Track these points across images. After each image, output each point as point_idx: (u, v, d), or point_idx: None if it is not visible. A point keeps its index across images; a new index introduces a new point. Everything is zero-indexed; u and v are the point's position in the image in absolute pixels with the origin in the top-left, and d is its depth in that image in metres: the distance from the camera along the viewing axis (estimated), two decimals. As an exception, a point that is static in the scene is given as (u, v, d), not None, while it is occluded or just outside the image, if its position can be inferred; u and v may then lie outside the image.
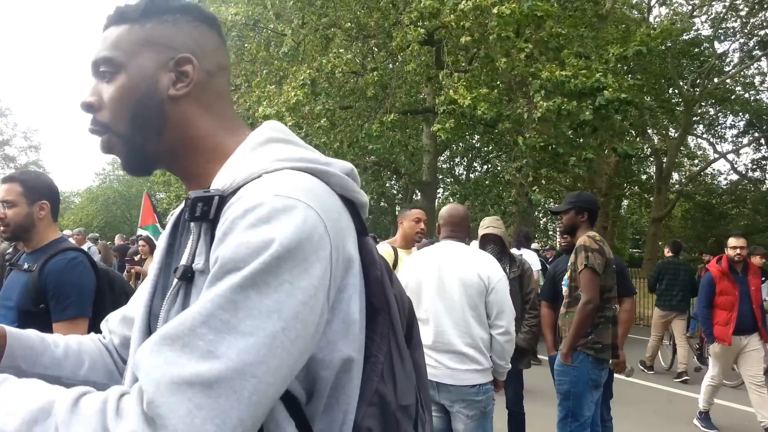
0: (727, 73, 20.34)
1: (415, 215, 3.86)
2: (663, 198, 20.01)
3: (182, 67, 0.85)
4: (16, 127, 36.79)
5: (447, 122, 9.84)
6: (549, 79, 9.22)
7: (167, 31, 0.86)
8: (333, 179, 0.81)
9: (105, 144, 0.87)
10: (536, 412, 4.79)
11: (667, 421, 5.75)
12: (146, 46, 0.85)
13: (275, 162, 0.78)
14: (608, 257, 3.43)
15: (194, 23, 0.88)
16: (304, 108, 10.60)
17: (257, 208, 0.69)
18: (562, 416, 3.48)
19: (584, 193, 3.90)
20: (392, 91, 12.61)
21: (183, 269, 0.77)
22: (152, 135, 0.85)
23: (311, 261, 0.69)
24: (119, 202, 37.56)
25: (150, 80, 0.84)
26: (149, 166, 0.90)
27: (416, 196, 19.55)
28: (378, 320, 0.82)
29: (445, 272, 2.88)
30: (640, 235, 29.03)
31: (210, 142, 0.87)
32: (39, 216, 2.17)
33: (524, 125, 10.20)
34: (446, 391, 2.82)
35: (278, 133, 0.87)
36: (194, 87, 0.86)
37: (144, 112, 0.84)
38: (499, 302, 2.86)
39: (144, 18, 0.86)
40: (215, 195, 0.76)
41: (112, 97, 0.85)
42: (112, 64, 0.85)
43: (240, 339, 0.62)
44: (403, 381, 0.84)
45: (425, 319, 2.85)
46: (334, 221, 0.74)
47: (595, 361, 3.40)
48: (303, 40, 11.77)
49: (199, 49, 0.87)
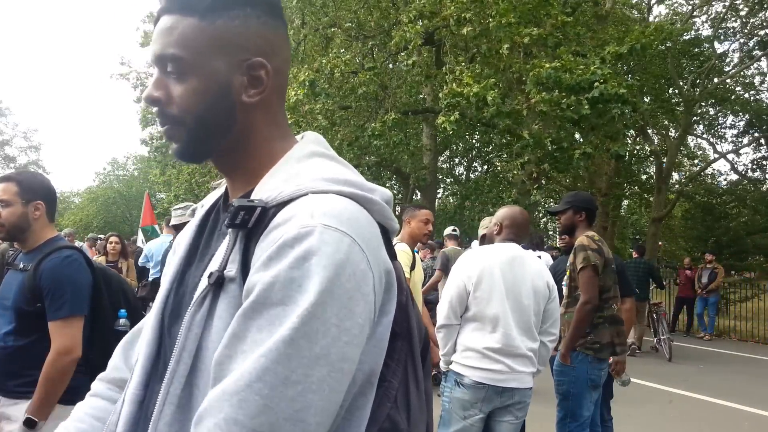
0: (727, 73, 20.32)
1: (424, 216, 3.85)
2: (663, 198, 19.98)
3: (255, 72, 0.84)
4: (16, 127, 36.85)
5: (452, 115, 9.80)
6: (542, 73, 9.22)
7: (239, 30, 0.83)
8: (375, 207, 0.81)
9: (169, 133, 0.87)
10: (536, 412, 4.78)
11: (667, 421, 5.75)
12: (218, 47, 0.82)
13: (322, 181, 0.78)
14: (607, 257, 3.43)
15: (263, 18, 0.85)
16: (304, 107, 10.60)
17: (306, 238, 0.70)
18: (561, 416, 3.48)
19: (582, 192, 3.91)
20: (392, 91, 12.61)
21: (217, 275, 0.77)
22: (218, 135, 0.86)
23: (356, 299, 0.70)
24: (119, 202, 37.56)
25: (222, 84, 0.83)
26: (202, 158, 0.90)
27: (416, 196, 19.55)
28: (396, 345, 0.82)
29: (519, 277, 2.90)
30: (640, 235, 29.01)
31: (266, 147, 0.88)
32: (34, 216, 2.17)
33: (522, 122, 10.19)
34: (509, 396, 2.85)
35: (321, 147, 0.88)
36: (267, 92, 0.85)
37: (214, 115, 0.84)
38: (555, 310, 3.01)
39: (212, 12, 0.82)
40: (259, 206, 0.76)
41: (182, 96, 0.83)
42: (183, 63, 0.82)
43: (290, 388, 0.66)
44: (417, 410, 0.83)
45: (492, 318, 2.84)
46: (376, 251, 0.76)
47: (594, 361, 3.40)
48: (303, 39, 11.77)
49: (270, 48, 0.85)
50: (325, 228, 0.70)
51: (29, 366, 2.09)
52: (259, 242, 0.74)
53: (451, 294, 2.91)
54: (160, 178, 19.25)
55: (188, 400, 0.76)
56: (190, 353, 0.77)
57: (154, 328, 0.87)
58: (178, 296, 0.87)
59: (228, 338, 0.70)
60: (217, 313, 0.76)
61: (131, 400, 0.84)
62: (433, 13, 10.38)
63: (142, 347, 0.88)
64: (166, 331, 0.86)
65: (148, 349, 0.87)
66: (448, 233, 7.21)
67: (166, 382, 0.78)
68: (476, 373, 2.83)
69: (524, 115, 9.72)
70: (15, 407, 2.09)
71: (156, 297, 0.92)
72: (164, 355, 0.84)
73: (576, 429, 3.41)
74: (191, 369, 0.76)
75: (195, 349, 0.77)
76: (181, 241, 0.95)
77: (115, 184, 40.05)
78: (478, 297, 2.87)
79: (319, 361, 0.67)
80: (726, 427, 5.57)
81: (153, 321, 0.88)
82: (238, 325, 0.70)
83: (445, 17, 10.12)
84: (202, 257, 0.88)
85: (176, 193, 17.09)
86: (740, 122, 22.15)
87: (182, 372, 0.76)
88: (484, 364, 2.83)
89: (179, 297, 0.86)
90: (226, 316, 0.74)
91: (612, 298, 3.48)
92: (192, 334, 0.77)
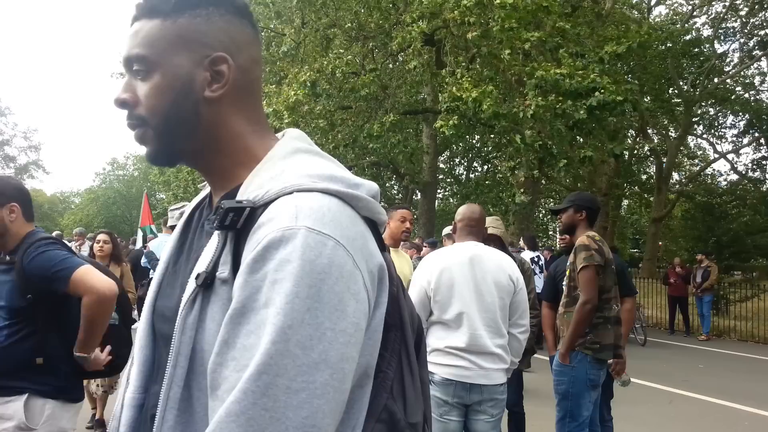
0: (727, 73, 20.34)
1: (399, 215, 3.89)
2: (663, 198, 20.01)
3: (217, 67, 0.85)
4: (16, 127, 36.90)
5: (450, 119, 9.81)
6: (544, 78, 9.23)
7: (201, 27, 0.85)
8: (361, 203, 0.81)
9: (139, 136, 0.87)
10: (536, 412, 4.78)
11: (667, 421, 5.75)
12: (179, 43, 0.84)
13: (307, 179, 0.78)
14: (607, 257, 3.42)
15: (227, 16, 0.86)
16: (303, 107, 10.61)
17: (290, 241, 0.69)
18: (560, 416, 3.48)
19: (584, 192, 3.91)
20: (392, 92, 12.61)
21: (204, 276, 0.76)
22: (185, 133, 0.86)
23: (346, 300, 0.71)
24: (119, 202, 37.61)
25: (185, 80, 0.84)
26: (174, 160, 0.91)
27: (416, 197, 19.54)
28: (389, 336, 0.82)
29: (479, 274, 2.88)
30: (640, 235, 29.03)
31: (239, 144, 0.87)
32: (10, 219, 2.19)
33: (520, 124, 10.20)
34: (478, 392, 2.84)
35: (304, 143, 0.88)
36: (229, 87, 0.85)
37: (179, 112, 0.84)
38: (522, 302, 2.96)
39: (176, 12, 0.84)
40: (247, 207, 0.76)
41: (148, 95, 0.84)
42: (146, 62, 0.84)
43: (294, 396, 0.66)
44: (413, 399, 0.84)
45: (456, 319, 2.84)
46: (361, 249, 0.76)
47: (593, 361, 3.39)
48: (303, 40, 11.77)
49: (234, 45, 0.86)
50: (308, 231, 0.70)
51: (21, 363, 2.09)
52: (246, 241, 0.74)
53: (414, 299, 2.89)
54: (160, 178, 19.27)
55: (189, 403, 0.76)
56: (186, 356, 0.76)
57: (146, 332, 0.87)
58: (167, 298, 0.86)
59: (218, 345, 0.70)
60: (210, 315, 0.75)
61: (130, 404, 0.84)
62: (434, 14, 10.39)
63: (136, 351, 0.88)
64: (158, 333, 0.86)
65: (142, 353, 0.87)
66: (447, 233, 7.21)
67: (165, 387, 0.77)
68: (444, 370, 2.83)
69: (522, 117, 9.72)
70: (6, 405, 2.09)
71: (146, 300, 0.92)
72: (158, 358, 0.85)
73: (575, 429, 3.40)
74: (189, 372, 0.76)
75: (190, 352, 0.76)
76: (168, 243, 0.95)
77: (115, 184, 40.09)
78: (439, 301, 2.86)
79: (319, 366, 0.67)
80: (726, 427, 5.56)
81: (144, 324, 0.88)
82: (226, 331, 0.70)
83: (447, 20, 10.13)
84: (188, 257, 0.87)
85: (175, 193, 17.11)
86: (740, 122, 22.18)
87: (180, 375, 0.76)
88: (450, 361, 2.82)
89: (169, 299, 0.85)
90: (220, 318, 0.73)
91: (612, 298, 3.47)
92: (186, 337, 0.76)
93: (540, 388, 6.30)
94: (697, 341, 11.30)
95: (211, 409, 0.70)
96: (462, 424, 2.90)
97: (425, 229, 14.97)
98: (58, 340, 2.15)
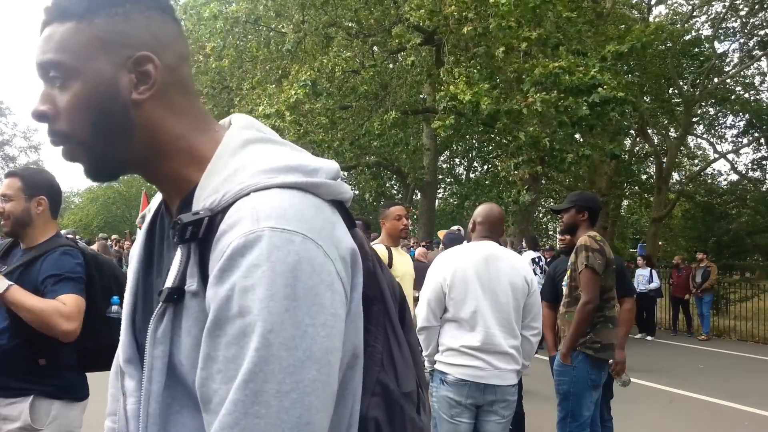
0: (727, 73, 20.32)
1: (395, 213, 3.90)
2: (663, 198, 19.99)
3: (142, 67, 0.79)
4: (16, 127, 36.82)
5: (447, 119, 9.81)
6: (543, 74, 9.21)
7: (120, 27, 0.78)
8: (322, 189, 0.78)
9: (67, 153, 0.81)
10: (536, 412, 4.79)
11: (667, 421, 5.75)
12: (99, 46, 0.77)
13: (261, 175, 0.75)
14: (609, 257, 3.42)
15: (146, 13, 0.80)
16: (304, 106, 10.61)
17: (255, 245, 0.67)
18: (561, 416, 3.48)
19: (586, 192, 3.91)
20: (392, 90, 12.61)
21: (168, 292, 0.74)
22: (119, 142, 0.80)
23: (321, 293, 0.69)
24: (119, 202, 37.59)
25: (109, 85, 0.78)
26: (115, 173, 0.85)
27: (416, 196, 19.54)
28: (373, 310, 0.82)
29: (494, 274, 2.88)
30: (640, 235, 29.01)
31: (182, 144, 0.82)
32: (36, 212, 2.18)
33: (521, 121, 10.19)
34: (492, 393, 2.83)
35: (253, 131, 0.83)
36: (159, 88, 0.79)
37: (106, 120, 0.78)
38: (536, 304, 2.97)
39: (90, 13, 0.78)
40: (205, 216, 0.73)
41: (69, 106, 0.78)
42: (63, 69, 0.77)
43: (285, 398, 0.66)
44: (403, 368, 0.85)
45: (471, 318, 2.83)
46: (330, 237, 0.74)
47: (594, 360, 3.39)
48: (303, 38, 11.77)
49: (158, 43, 0.80)
50: (272, 231, 0.68)
51: (24, 365, 2.09)
52: (211, 250, 0.72)
53: (429, 296, 2.90)
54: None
55: (171, 419, 0.76)
56: (161, 371, 0.75)
57: (130, 346, 0.86)
58: (143, 309, 0.86)
59: (202, 360, 0.70)
60: (185, 329, 0.74)
61: (134, 415, 0.83)
62: (434, 12, 10.37)
63: (124, 365, 0.86)
64: (141, 347, 0.84)
65: (130, 366, 0.85)
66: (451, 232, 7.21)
67: (144, 402, 0.76)
68: (458, 370, 2.83)
69: (523, 114, 9.70)
70: (12, 407, 2.09)
71: (122, 313, 0.90)
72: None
73: (576, 429, 3.40)
74: (167, 387, 0.75)
75: (165, 367, 0.75)
76: (133, 252, 0.91)
77: (115, 184, 40.03)
78: (454, 298, 2.86)
79: (306, 364, 0.67)
80: (726, 427, 5.56)
81: (127, 338, 0.87)
82: (206, 345, 0.69)
83: (446, 15, 10.11)
84: (160, 271, 0.85)
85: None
86: (740, 122, 22.16)
87: (157, 391, 0.75)
88: (464, 361, 2.82)
89: (147, 314, 0.83)
90: (196, 332, 0.72)
91: (613, 298, 3.47)
92: (158, 351, 0.75)
93: (540, 388, 6.31)
94: (697, 341, 11.30)
95: (207, 423, 0.70)
96: (472, 426, 2.89)
97: (425, 228, 14.96)
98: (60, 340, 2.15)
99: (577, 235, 3.59)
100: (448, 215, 23.78)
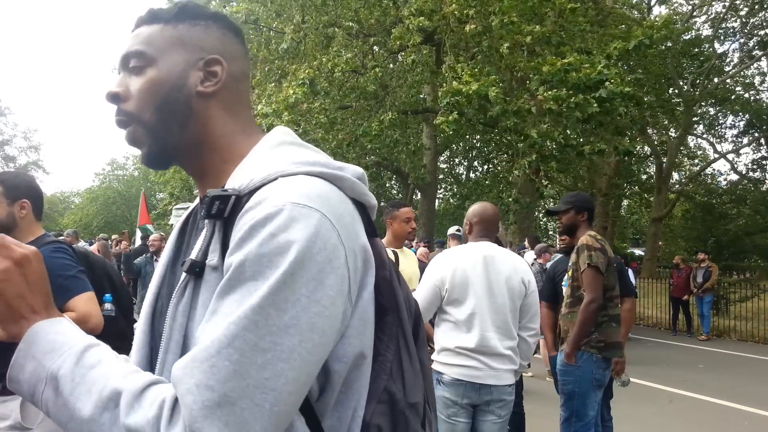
0: (727, 73, 20.34)
1: (404, 215, 3.79)
2: (663, 198, 20.00)
3: (211, 68, 0.90)
4: (16, 127, 36.92)
5: (450, 115, 9.76)
6: (550, 72, 9.19)
7: (198, 34, 0.91)
8: (346, 184, 0.83)
9: (130, 135, 0.90)
10: (536, 412, 4.79)
11: (667, 421, 5.75)
12: (178, 44, 0.89)
13: (291, 165, 0.80)
14: (610, 256, 3.43)
15: (223, 30, 0.93)
16: (303, 106, 10.58)
17: (275, 217, 0.71)
18: (566, 416, 3.46)
19: (581, 192, 3.92)
20: (392, 90, 12.59)
21: (190, 263, 0.79)
22: (176, 127, 0.88)
23: (326, 272, 0.72)
24: (119, 202, 37.57)
25: (179, 75, 0.88)
26: (168, 160, 0.92)
27: (416, 196, 19.53)
28: (386, 320, 0.84)
29: (492, 275, 2.87)
30: (640, 235, 29.02)
31: (228, 141, 0.90)
32: (20, 215, 2.18)
33: (530, 120, 10.14)
34: (488, 392, 2.83)
35: (289, 137, 0.91)
36: (221, 87, 0.90)
37: (171, 104, 0.88)
38: (533, 305, 2.96)
39: (177, 20, 0.90)
40: (232, 194, 0.78)
41: (141, 88, 0.88)
42: (144, 57, 0.88)
43: (260, 355, 0.67)
44: (412, 379, 0.86)
45: (467, 319, 2.83)
46: (348, 226, 0.77)
47: (599, 359, 3.39)
48: (303, 38, 11.75)
49: (228, 54, 0.91)
50: (293, 206, 0.72)
51: None
52: (234, 228, 0.76)
53: (423, 296, 2.89)
54: (160, 177, 19.23)
55: None
56: (177, 343, 0.78)
57: (145, 332, 0.89)
58: (167, 298, 0.87)
59: (206, 316, 0.72)
60: (201, 302, 0.77)
61: None
62: (434, 11, 10.36)
63: (134, 351, 0.89)
64: (156, 333, 0.87)
65: (140, 353, 0.88)
66: (452, 233, 7.21)
67: (158, 372, 0.79)
68: (454, 370, 2.82)
69: (532, 113, 9.64)
70: (4, 405, 2.08)
71: (145, 300, 0.93)
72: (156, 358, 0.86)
73: (581, 429, 3.39)
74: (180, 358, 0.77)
75: (182, 339, 0.78)
76: (166, 247, 0.97)
77: (115, 184, 40.06)
78: (452, 299, 2.85)
79: (289, 330, 0.68)
80: (726, 427, 5.56)
81: (143, 325, 0.90)
82: (214, 302, 0.72)
83: (446, 15, 10.09)
84: (186, 255, 0.89)
85: (172, 192, 17.05)
86: (740, 122, 22.18)
87: (171, 361, 0.77)
88: (460, 361, 2.82)
89: (168, 299, 0.86)
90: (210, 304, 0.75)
91: (616, 297, 3.48)
92: (177, 324, 0.78)
93: (540, 388, 6.31)
94: (697, 341, 11.30)
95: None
96: (470, 426, 2.89)
97: (425, 229, 14.95)
98: None
99: (577, 235, 3.60)
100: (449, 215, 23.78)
